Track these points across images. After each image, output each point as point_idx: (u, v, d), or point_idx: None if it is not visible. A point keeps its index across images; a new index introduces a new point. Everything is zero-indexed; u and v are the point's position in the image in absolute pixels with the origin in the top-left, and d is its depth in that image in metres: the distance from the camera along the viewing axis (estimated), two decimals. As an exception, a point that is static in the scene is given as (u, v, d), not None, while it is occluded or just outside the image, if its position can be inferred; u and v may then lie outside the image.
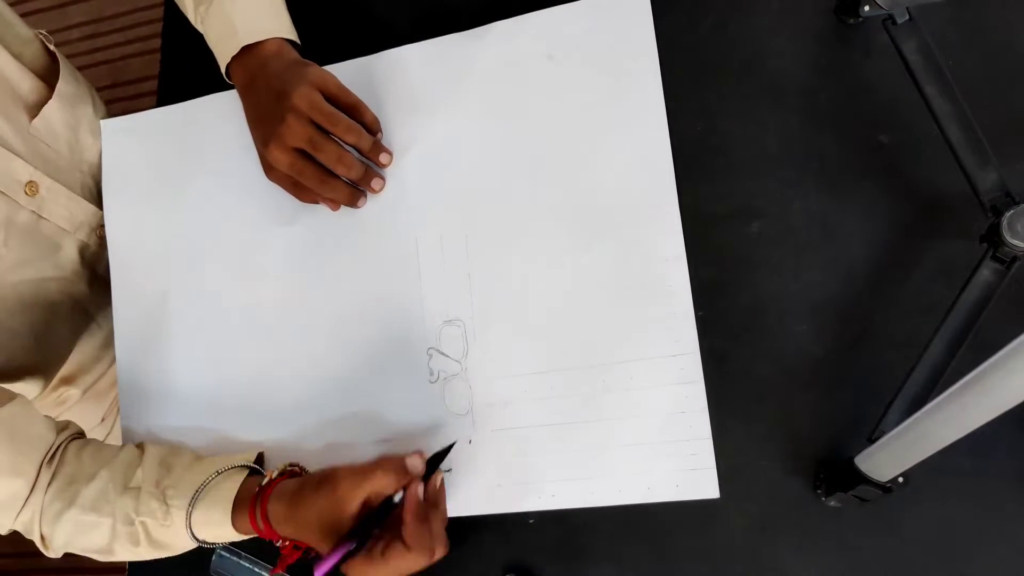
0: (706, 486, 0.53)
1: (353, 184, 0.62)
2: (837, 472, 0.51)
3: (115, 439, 0.89)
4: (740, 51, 0.61)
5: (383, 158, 0.62)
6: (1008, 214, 0.48)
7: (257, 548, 0.58)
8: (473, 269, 0.59)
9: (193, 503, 0.56)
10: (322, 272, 0.63)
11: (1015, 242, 0.48)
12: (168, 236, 0.68)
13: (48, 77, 0.69)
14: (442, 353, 0.58)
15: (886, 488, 0.48)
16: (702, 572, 0.54)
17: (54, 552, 0.59)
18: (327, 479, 0.52)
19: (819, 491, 0.53)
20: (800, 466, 0.54)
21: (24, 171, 0.65)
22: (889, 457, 0.46)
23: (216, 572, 0.60)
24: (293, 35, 0.65)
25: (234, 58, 0.63)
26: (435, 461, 0.54)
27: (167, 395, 0.65)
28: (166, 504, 0.56)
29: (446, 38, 0.64)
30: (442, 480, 0.55)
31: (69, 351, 0.76)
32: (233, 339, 0.64)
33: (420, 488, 0.52)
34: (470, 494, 0.56)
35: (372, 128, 0.62)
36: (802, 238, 0.57)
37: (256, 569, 0.59)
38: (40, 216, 0.67)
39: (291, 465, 0.59)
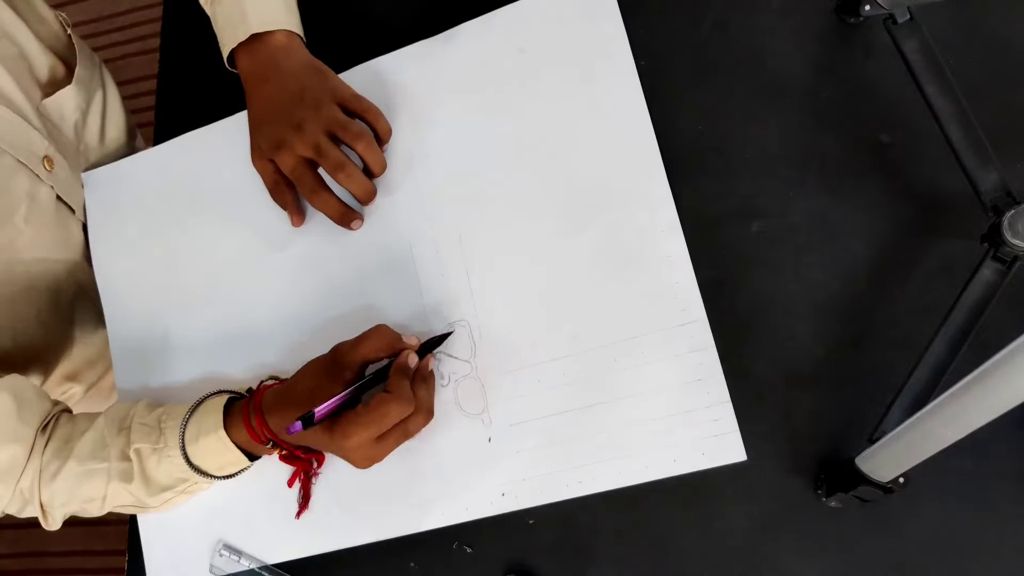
0: (732, 450, 0.52)
1: (347, 207, 0.61)
2: (838, 472, 0.51)
3: None
4: (740, 51, 0.61)
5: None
6: (1009, 214, 0.48)
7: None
8: (471, 268, 0.59)
9: (186, 419, 0.56)
10: (319, 295, 0.62)
11: (1016, 242, 0.48)
12: (161, 279, 0.67)
13: (64, 56, 0.70)
14: (450, 356, 0.58)
15: (887, 488, 0.48)
16: (702, 572, 0.54)
17: (53, 521, 0.59)
18: (325, 355, 0.55)
19: (820, 491, 0.53)
20: (800, 466, 0.54)
21: (41, 145, 0.65)
22: (890, 457, 0.46)
23: (215, 571, 0.60)
24: (301, 32, 0.65)
25: (241, 44, 0.63)
26: (428, 347, 0.56)
27: None
28: (159, 428, 0.57)
29: (416, 45, 0.64)
30: (432, 364, 0.57)
31: (72, 340, 0.76)
32: (234, 371, 0.64)
33: (412, 357, 0.54)
34: (494, 493, 0.56)
35: (383, 137, 0.62)
36: (803, 238, 0.57)
37: (257, 569, 0.59)
38: (56, 194, 0.67)
39: (273, 378, 0.60)
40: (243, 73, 0.64)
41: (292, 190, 0.63)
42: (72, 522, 0.61)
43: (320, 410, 0.50)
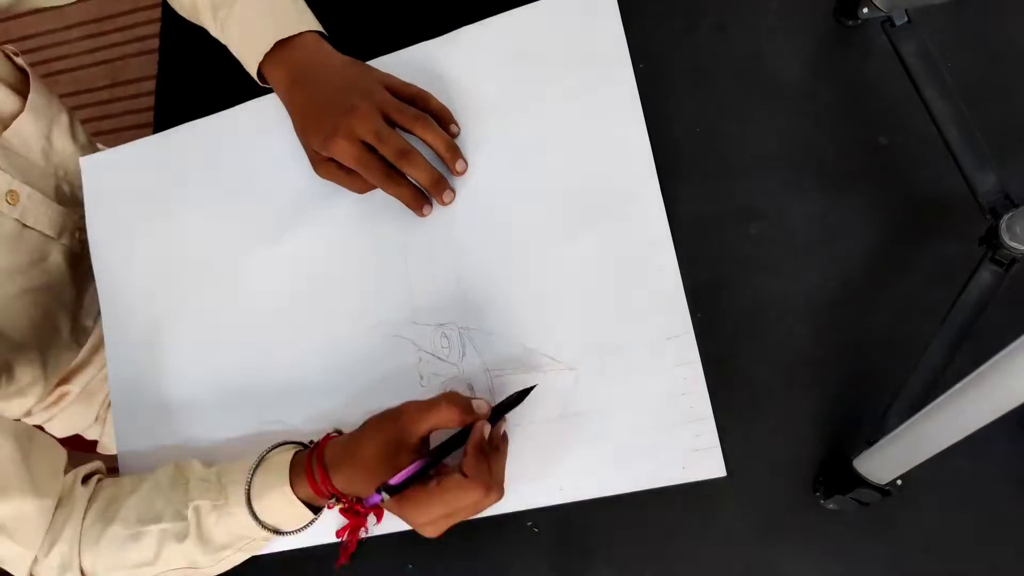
0: (712, 465, 0.52)
1: (420, 187, 0.59)
2: (836, 474, 0.51)
3: (109, 439, 0.89)
4: (739, 52, 0.61)
5: (458, 165, 0.59)
6: (1007, 216, 0.48)
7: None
8: (462, 270, 0.59)
9: (252, 474, 0.54)
10: (311, 290, 0.62)
11: (1014, 244, 0.48)
12: (156, 266, 0.67)
13: (19, 88, 0.69)
14: (438, 358, 0.58)
15: (884, 491, 0.48)
16: (701, 573, 0.54)
17: None
18: (390, 412, 0.53)
19: (818, 493, 0.53)
20: (799, 468, 0.54)
21: (2, 180, 0.65)
22: (888, 459, 0.46)
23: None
24: (321, 29, 0.63)
25: (268, 56, 0.60)
26: (501, 410, 0.54)
27: (163, 424, 0.65)
28: (220, 484, 0.55)
29: (416, 47, 0.64)
30: (505, 429, 0.54)
31: (68, 356, 0.76)
32: (226, 361, 0.64)
33: (486, 427, 0.51)
34: None
35: (441, 116, 0.60)
36: (801, 239, 0.57)
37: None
38: (24, 225, 0.67)
39: (337, 431, 0.58)
40: (278, 82, 0.62)
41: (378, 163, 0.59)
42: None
43: (397, 480, 0.48)
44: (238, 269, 0.65)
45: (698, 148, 0.59)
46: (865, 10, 0.55)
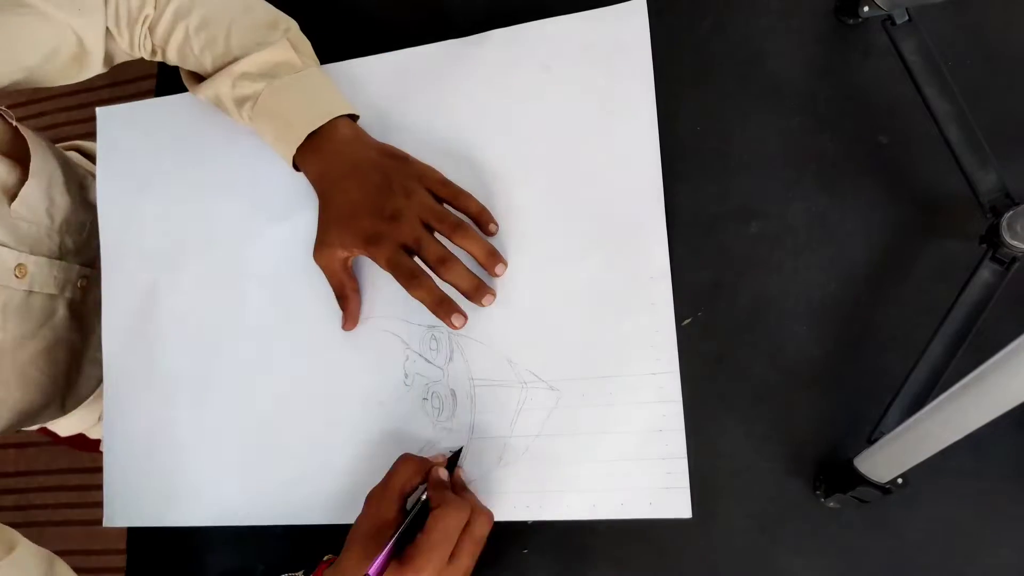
0: (679, 505, 0.53)
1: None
2: (836, 473, 0.51)
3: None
4: (740, 51, 0.61)
5: (498, 269, 0.57)
6: (1007, 215, 0.48)
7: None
8: None
9: None
10: (307, 272, 0.62)
11: (1014, 243, 0.48)
12: (159, 227, 0.68)
13: (15, 152, 0.67)
14: (425, 359, 0.59)
15: (885, 489, 0.48)
16: (701, 573, 0.54)
17: None
18: (360, 514, 0.53)
19: (818, 492, 0.53)
20: (799, 467, 0.54)
21: (11, 257, 0.65)
22: (888, 458, 0.46)
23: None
24: (352, 109, 0.62)
25: (300, 146, 0.60)
26: (451, 463, 0.56)
27: (151, 387, 0.65)
28: None
29: (443, 43, 0.64)
30: (463, 475, 0.56)
31: (84, 387, 0.77)
32: (216, 335, 0.64)
33: (442, 471, 0.53)
34: None
35: (480, 219, 0.58)
36: (801, 238, 0.57)
37: None
38: (31, 291, 0.67)
39: (330, 556, 0.56)
40: (313, 174, 0.61)
41: (358, 296, 0.61)
42: (70, 521, 0.61)
43: (374, 568, 0.47)
44: (238, 243, 0.65)
45: (698, 147, 0.59)
46: (866, 9, 0.55)
